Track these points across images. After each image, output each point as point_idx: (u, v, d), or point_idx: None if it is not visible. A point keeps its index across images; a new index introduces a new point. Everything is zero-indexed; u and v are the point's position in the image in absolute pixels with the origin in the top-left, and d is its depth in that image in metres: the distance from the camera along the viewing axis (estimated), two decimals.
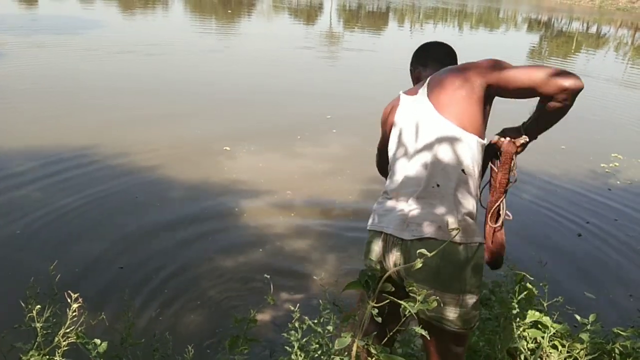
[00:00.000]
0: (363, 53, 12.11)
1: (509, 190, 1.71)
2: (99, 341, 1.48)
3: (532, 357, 2.09)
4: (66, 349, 1.44)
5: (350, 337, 1.30)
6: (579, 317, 2.20)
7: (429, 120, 1.61)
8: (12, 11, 15.03)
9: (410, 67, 1.95)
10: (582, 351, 2.08)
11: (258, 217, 4.04)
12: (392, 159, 1.72)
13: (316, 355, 1.58)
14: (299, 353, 1.61)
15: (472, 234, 1.53)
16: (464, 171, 1.56)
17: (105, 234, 3.62)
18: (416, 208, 1.55)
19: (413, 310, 1.23)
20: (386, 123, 1.84)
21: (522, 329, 2.19)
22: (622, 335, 2.11)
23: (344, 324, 1.55)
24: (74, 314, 1.44)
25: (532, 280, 2.26)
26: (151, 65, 9.29)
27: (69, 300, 1.43)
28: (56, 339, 1.44)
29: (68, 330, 1.44)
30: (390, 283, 1.42)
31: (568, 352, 2.08)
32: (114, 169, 4.63)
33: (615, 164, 5.78)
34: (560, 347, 2.10)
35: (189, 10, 19.93)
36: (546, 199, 4.76)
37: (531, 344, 2.18)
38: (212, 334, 2.74)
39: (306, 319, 1.58)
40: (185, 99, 7.18)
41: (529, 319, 2.19)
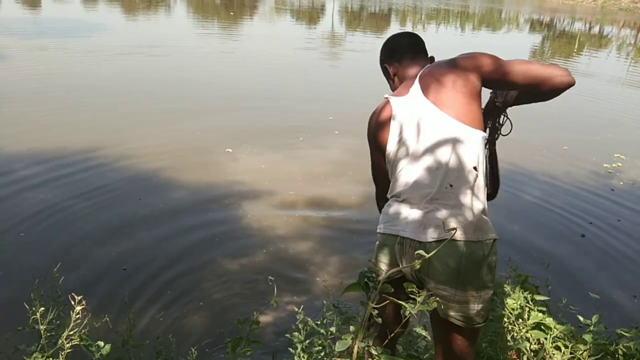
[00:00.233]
0: (365, 54, 12.10)
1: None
2: (102, 343, 1.49)
3: (535, 359, 2.09)
4: (70, 351, 1.45)
5: (351, 339, 1.30)
6: (581, 318, 2.19)
7: (431, 119, 1.58)
8: (16, 14, 15.10)
9: (382, 65, 1.87)
10: (585, 352, 2.07)
11: (261, 219, 4.05)
12: (394, 162, 1.67)
13: (319, 357, 1.59)
14: (302, 354, 1.61)
15: (487, 231, 1.54)
16: (475, 168, 1.56)
17: (109, 236, 3.64)
18: (432, 210, 1.54)
19: (428, 309, 1.23)
20: (376, 136, 1.74)
21: (525, 330, 2.19)
22: (626, 336, 2.10)
23: (344, 326, 1.55)
24: (78, 316, 1.45)
25: (535, 281, 2.26)
26: (153, 67, 9.31)
27: (73, 303, 1.44)
28: (60, 341, 1.44)
29: (71, 333, 1.45)
30: (396, 286, 1.42)
31: (571, 354, 2.08)
32: (118, 171, 4.65)
33: (618, 164, 5.77)
34: (563, 349, 2.10)
35: (192, 13, 20.00)
36: (549, 199, 4.76)
37: (534, 345, 2.18)
38: (215, 336, 2.74)
39: (309, 320, 1.58)
40: (187, 100, 7.19)
41: (532, 320, 2.19)
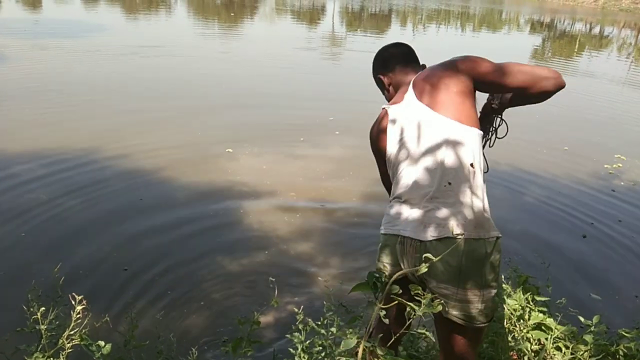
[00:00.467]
0: (365, 55, 12.08)
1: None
2: (102, 343, 1.49)
3: (536, 359, 2.09)
4: (70, 351, 1.44)
5: (357, 339, 1.30)
6: (582, 319, 2.19)
7: (428, 121, 1.61)
8: (16, 14, 15.11)
9: (376, 76, 1.91)
10: (586, 353, 2.07)
11: (262, 219, 4.05)
12: (394, 166, 1.70)
13: (319, 357, 1.58)
14: (303, 355, 1.61)
15: (489, 229, 1.54)
16: (472, 165, 1.57)
17: (109, 236, 3.64)
18: (432, 209, 1.55)
19: (434, 311, 1.23)
20: (378, 145, 1.80)
21: (526, 331, 2.19)
22: (627, 337, 2.10)
23: (348, 327, 1.55)
24: (78, 316, 1.45)
25: (536, 281, 2.26)
26: (154, 67, 9.32)
27: (73, 303, 1.44)
28: (60, 341, 1.44)
29: (72, 333, 1.45)
30: (398, 285, 1.42)
31: (572, 354, 2.07)
32: (118, 171, 4.65)
33: (619, 164, 5.76)
34: (564, 349, 2.09)
35: (192, 13, 20.00)
36: (550, 200, 4.75)
37: (535, 346, 2.17)
38: (216, 336, 2.74)
39: (310, 321, 1.58)
40: (188, 100, 7.19)
41: (533, 321, 2.19)
